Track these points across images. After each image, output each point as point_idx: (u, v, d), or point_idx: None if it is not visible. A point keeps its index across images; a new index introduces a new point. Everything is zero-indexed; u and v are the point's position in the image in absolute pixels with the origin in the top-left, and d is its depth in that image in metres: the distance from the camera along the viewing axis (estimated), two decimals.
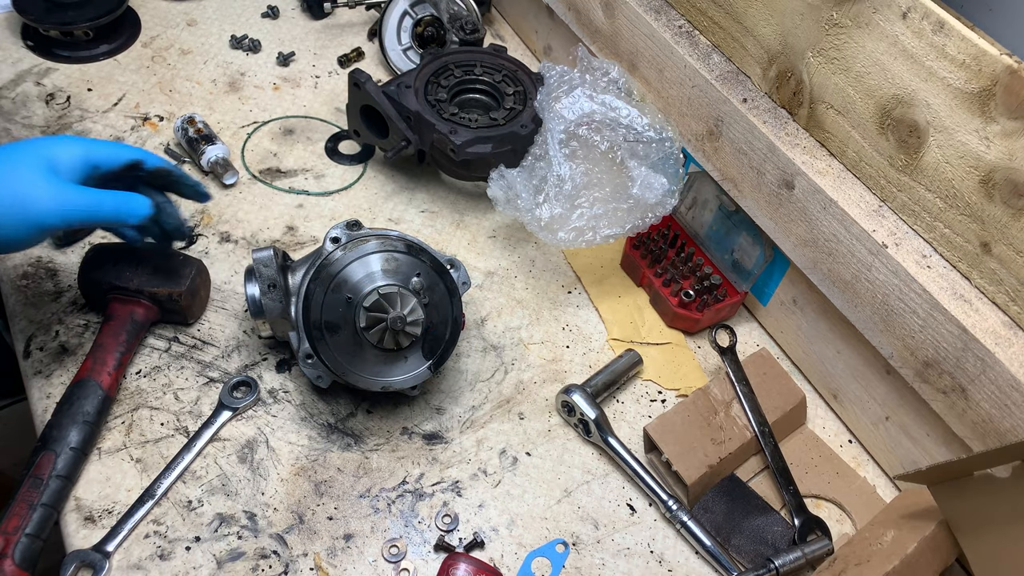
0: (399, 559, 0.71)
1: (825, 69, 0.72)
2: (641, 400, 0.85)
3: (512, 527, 0.75)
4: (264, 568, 0.69)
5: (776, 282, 0.88)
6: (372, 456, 0.78)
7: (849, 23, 0.68)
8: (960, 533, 0.64)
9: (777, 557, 0.71)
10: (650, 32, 0.89)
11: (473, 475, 0.77)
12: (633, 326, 0.91)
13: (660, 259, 0.93)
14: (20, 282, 0.85)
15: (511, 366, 0.86)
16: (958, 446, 0.71)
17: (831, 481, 0.80)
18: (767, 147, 0.78)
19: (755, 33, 0.79)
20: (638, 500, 0.78)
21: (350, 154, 1.04)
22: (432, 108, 0.94)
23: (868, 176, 0.73)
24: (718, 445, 0.77)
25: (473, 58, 1.01)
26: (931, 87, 0.63)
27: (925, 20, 0.62)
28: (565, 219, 0.84)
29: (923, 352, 0.69)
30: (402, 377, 0.76)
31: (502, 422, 0.82)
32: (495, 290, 0.93)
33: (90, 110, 1.03)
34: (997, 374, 0.63)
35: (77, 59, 1.09)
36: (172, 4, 1.20)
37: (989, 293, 0.66)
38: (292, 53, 1.14)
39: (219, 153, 0.97)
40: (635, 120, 0.87)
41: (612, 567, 0.73)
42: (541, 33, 1.16)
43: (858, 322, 0.75)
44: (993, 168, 0.61)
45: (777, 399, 0.82)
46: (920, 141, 0.66)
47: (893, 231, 0.70)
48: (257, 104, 1.08)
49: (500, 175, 0.86)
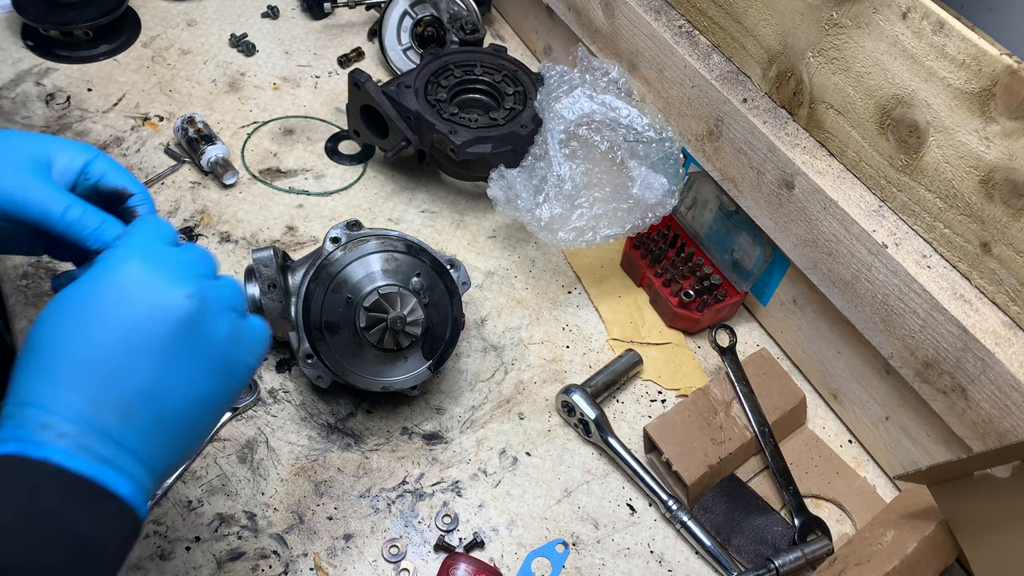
0: (399, 559, 0.71)
1: (825, 69, 0.72)
2: (641, 400, 0.85)
3: (512, 527, 0.75)
4: (264, 568, 0.69)
5: (776, 282, 0.88)
6: (372, 456, 0.78)
7: (849, 23, 0.68)
8: (960, 533, 0.64)
9: (777, 557, 0.71)
10: (650, 32, 0.89)
11: (473, 475, 0.77)
12: (633, 326, 0.91)
13: (660, 259, 0.93)
14: (20, 282, 0.85)
15: (511, 366, 0.86)
16: (958, 446, 0.71)
17: (831, 481, 0.80)
18: (767, 147, 0.78)
19: (755, 33, 0.79)
20: (638, 500, 0.78)
21: (350, 154, 1.04)
22: (432, 108, 0.94)
23: (868, 176, 0.73)
24: (718, 445, 0.77)
25: (473, 58, 1.01)
26: (931, 87, 0.63)
27: (925, 20, 0.62)
28: (565, 219, 0.84)
29: (923, 352, 0.69)
30: (402, 377, 0.76)
31: (502, 422, 0.82)
32: (495, 290, 0.93)
33: (90, 110, 1.03)
34: (997, 374, 0.63)
35: (77, 59, 1.09)
36: (172, 4, 1.20)
37: (989, 293, 0.66)
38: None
39: (219, 153, 0.97)
40: (635, 120, 0.87)
41: (612, 567, 0.73)
42: (541, 33, 1.16)
43: (858, 322, 0.75)
44: (993, 168, 0.61)
45: (777, 399, 0.82)
46: (920, 141, 0.66)
47: (893, 231, 0.70)
48: (257, 104, 1.08)
49: (500, 175, 0.86)
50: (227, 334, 0.47)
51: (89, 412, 0.42)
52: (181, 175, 0.99)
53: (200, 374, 0.46)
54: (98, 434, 0.42)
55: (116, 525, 0.42)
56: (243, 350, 0.49)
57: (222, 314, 0.48)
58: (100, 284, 0.45)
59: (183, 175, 0.99)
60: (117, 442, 0.42)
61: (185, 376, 0.45)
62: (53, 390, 0.42)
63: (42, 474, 0.40)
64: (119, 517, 0.42)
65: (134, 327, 0.44)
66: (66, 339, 0.43)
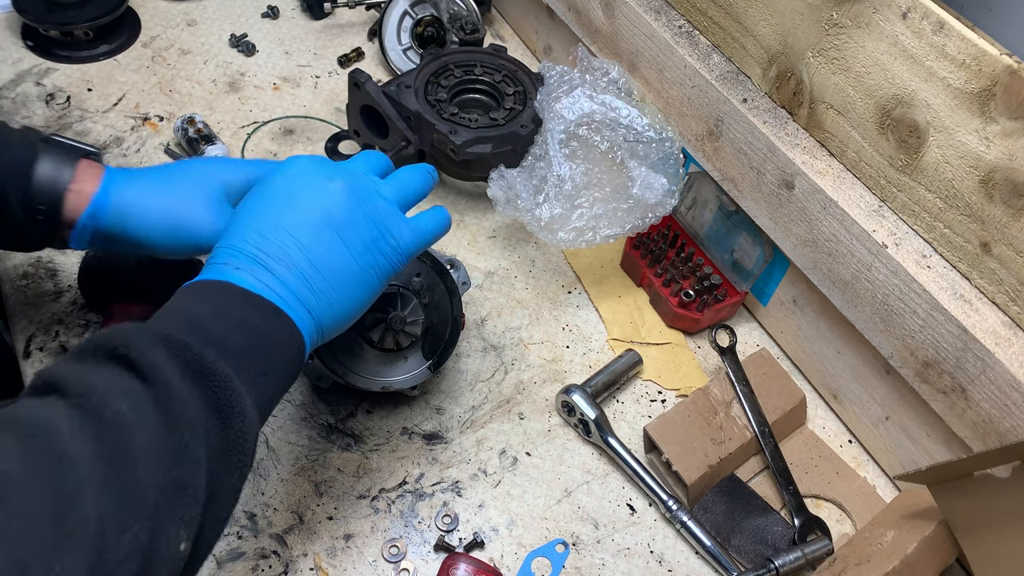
0: (399, 559, 0.71)
1: (825, 69, 0.72)
2: (641, 400, 0.85)
3: (512, 527, 0.75)
4: (264, 568, 0.69)
5: (776, 282, 0.88)
6: (372, 456, 0.78)
7: (849, 23, 0.68)
8: (960, 533, 0.64)
9: (777, 557, 0.71)
10: (650, 32, 0.89)
11: (473, 475, 0.77)
12: (633, 326, 0.91)
13: (660, 259, 0.93)
14: (20, 282, 0.85)
15: (511, 366, 0.86)
16: (958, 446, 0.71)
17: (831, 481, 0.80)
18: (767, 147, 0.78)
19: (755, 33, 0.79)
20: (638, 500, 0.78)
21: (350, 154, 1.04)
22: (432, 108, 0.94)
23: (868, 176, 0.73)
24: (718, 445, 0.77)
25: (473, 58, 1.01)
26: (931, 87, 0.63)
27: (925, 20, 0.62)
28: (565, 219, 0.84)
29: (923, 352, 0.69)
30: (402, 377, 0.76)
31: (502, 422, 0.82)
32: (495, 290, 0.93)
33: (90, 110, 1.03)
34: (997, 374, 0.63)
35: (77, 59, 1.09)
36: (172, 4, 1.20)
37: (989, 293, 0.66)
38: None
39: (219, 153, 0.97)
40: (635, 120, 0.87)
41: (612, 567, 0.73)
42: (541, 33, 1.16)
43: (858, 322, 0.75)
44: (993, 168, 0.61)
45: (777, 399, 0.82)
46: (920, 141, 0.66)
47: (893, 231, 0.70)
48: (257, 104, 1.08)
49: (500, 175, 0.86)
50: (366, 215, 0.59)
51: (259, 256, 0.55)
52: None
53: (346, 253, 0.58)
54: (265, 271, 0.54)
55: (285, 334, 0.53)
56: (385, 234, 0.60)
57: (366, 201, 0.59)
58: (274, 177, 0.60)
59: None
60: (282, 281, 0.55)
61: (332, 245, 0.57)
62: (233, 239, 0.56)
63: (228, 289, 0.52)
64: (289, 332, 0.53)
65: (291, 201, 0.58)
66: (245, 209, 0.59)
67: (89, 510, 0.37)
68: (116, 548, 0.38)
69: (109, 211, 0.63)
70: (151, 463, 0.41)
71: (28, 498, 0.36)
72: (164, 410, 0.43)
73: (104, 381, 0.43)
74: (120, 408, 0.41)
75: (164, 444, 0.42)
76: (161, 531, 0.40)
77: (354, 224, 0.58)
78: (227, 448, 0.46)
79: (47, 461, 0.37)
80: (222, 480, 0.46)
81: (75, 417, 0.40)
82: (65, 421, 0.40)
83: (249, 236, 0.56)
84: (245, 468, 0.48)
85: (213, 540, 0.46)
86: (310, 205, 0.58)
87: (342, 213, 0.58)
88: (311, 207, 0.58)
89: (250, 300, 0.52)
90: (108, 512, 0.38)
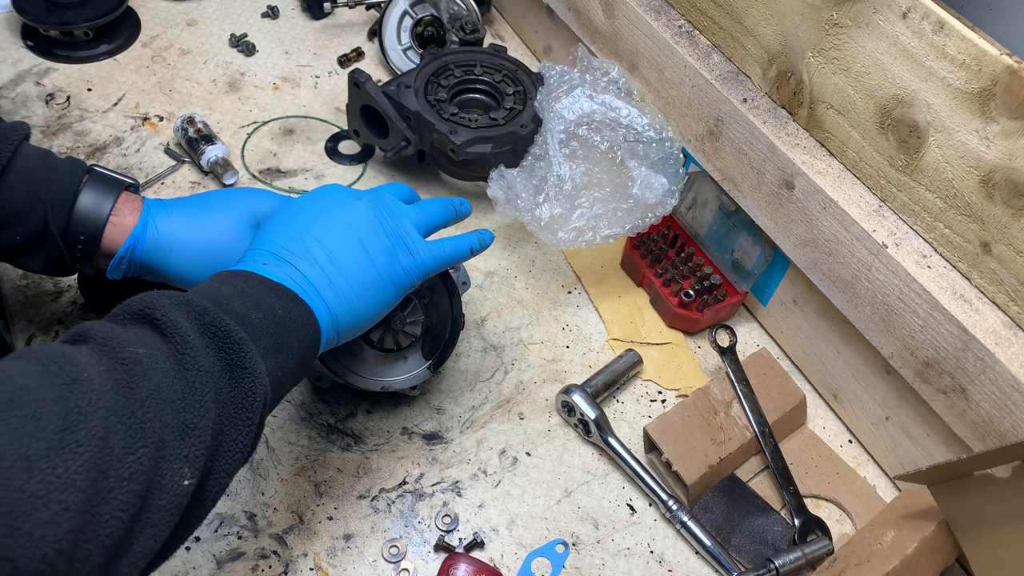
0: (399, 559, 0.71)
1: (825, 69, 0.72)
2: (641, 400, 0.85)
3: (512, 527, 0.75)
4: (264, 568, 0.69)
5: (776, 282, 0.88)
6: (372, 456, 0.78)
7: (849, 23, 0.68)
8: (960, 533, 0.64)
9: (777, 557, 0.71)
10: (650, 32, 0.89)
11: (473, 475, 0.77)
12: (633, 326, 0.91)
13: (660, 259, 0.93)
14: (20, 282, 0.85)
15: (511, 366, 0.86)
16: (958, 446, 0.71)
17: (831, 481, 0.80)
18: (767, 147, 0.78)
19: (755, 33, 0.79)
20: (638, 500, 0.78)
21: (350, 154, 1.04)
22: (432, 108, 0.94)
23: (868, 176, 0.73)
24: (718, 445, 0.77)
25: (473, 58, 1.01)
26: (931, 87, 0.63)
27: (925, 20, 0.62)
28: (565, 219, 0.84)
29: (923, 352, 0.69)
30: (402, 377, 0.76)
31: (502, 422, 0.82)
32: (495, 290, 0.93)
33: (90, 110, 1.03)
34: (997, 374, 0.63)
35: (77, 59, 1.09)
36: (172, 4, 1.20)
37: (989, 293, 0.66)
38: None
39: (219, 153, 0.97)
40: (635, 120, 0.87)
41: (612, 567, 0.73)
42: (541, 33, 1.16)
43: (858, 322, 0.75)
44: (993, 168, 0.61)
45: (777, 399, 0.82)
46: (920, 141, 0.66)
47: (893, 231, 0.70)
48: (257, 104, 1.08)
49: (500, 175, 0.86)
50: (387, 231, 0.64)
51: (284, 254, 0.59)
52: (181, 175, 0.99)
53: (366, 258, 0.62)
54: (290, 267, 0.59)
55: (302, 320, 0.56)
56: (402, 247, 0.64)
57: (388, 217, 0.64)
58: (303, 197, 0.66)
59: (183, 175, 0.99)
60: (304, 276, 0.59)
61: (353, 251, 0.61)
62: (262, 242, 0.61)
63: (251, 277, 0.56)
64: (306, 319, 0.56)
65: (319, 214, 0.63)
66: (274, 220, 0.63)
67: (96, 428, 0.41)
68: (119, 466, 0.41)
69: (146, 244, 0.67)
70: (160, 401, 0.44)
71: (41, 408, 0.39)
72: (179, 359, 0.47)
73: (127, 332, 0.47)
74: (137, 351, 0.45)
75: (174, 386, 0.46)
76: (166, 463, 0.44)
77: (376, 236, 0.63)
78: (237, 403, 0.49)
79: (62, 381, 0.41)
80: (230, 435, 0.49)
81: (95, 352, 0.45)
82: (85, 355, 0.44)
83: (277, 238, 0.61)
84: (254, 428, 0.50)
85: (217, 493, 0.49)
86: (337, 217, 0.63)
87: (366, 225, 0.63)
88: (338, 219, 0.62)
89: (271, 287, 0.56)
90: (114, 433, 0.41)
